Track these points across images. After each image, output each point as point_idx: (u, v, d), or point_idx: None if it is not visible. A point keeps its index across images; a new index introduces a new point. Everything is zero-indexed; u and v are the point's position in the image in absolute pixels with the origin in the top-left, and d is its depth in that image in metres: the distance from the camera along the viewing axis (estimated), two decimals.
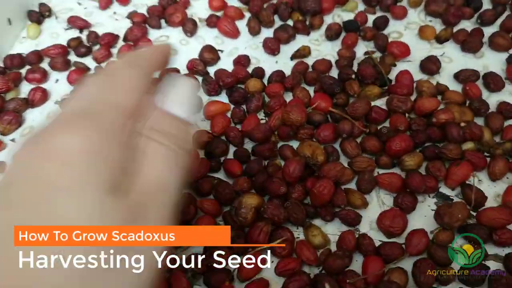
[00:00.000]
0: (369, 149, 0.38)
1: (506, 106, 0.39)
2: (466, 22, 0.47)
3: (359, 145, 0.38)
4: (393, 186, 0.36)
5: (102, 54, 0.46)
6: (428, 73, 0.43)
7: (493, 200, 0.36)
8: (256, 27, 0.47)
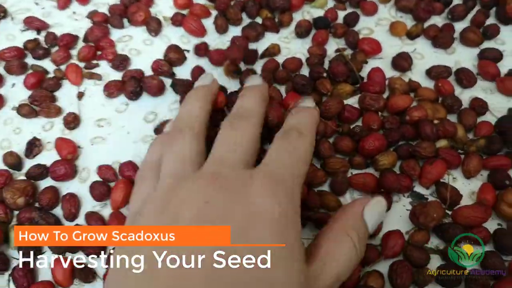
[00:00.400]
0: (342, 149, 0.36)
1: (479, 102, 0.38)
2: (437, 18, 0.46)
3: (332, 145, 0.36)
4: (367, 187, 0.35)
5: (60, 56, 0.44)
6: (400, 70, 0.42)
7: (468, 197, 0.35)
8: (223, 25, 0.46)
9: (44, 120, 0.41)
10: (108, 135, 0.40)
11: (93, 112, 0.41)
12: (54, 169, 0.36)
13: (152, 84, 0.41)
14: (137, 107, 0.41)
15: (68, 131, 0.40)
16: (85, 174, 0.37)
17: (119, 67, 0.43)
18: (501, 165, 0.35)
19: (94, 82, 0.43)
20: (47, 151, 0.39)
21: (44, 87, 0.42)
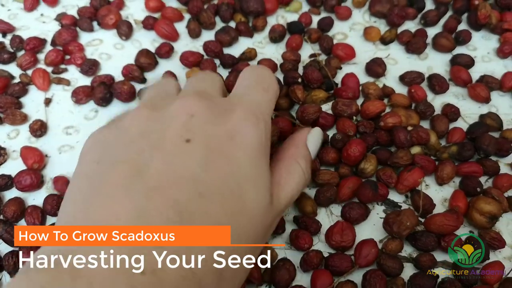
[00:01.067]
0: (328, 162, 0.36)
1: (451, 109, 0.39)
2: (410, 23, 0.46)
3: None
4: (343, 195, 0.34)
5: (27, 60, 0.42)
6: (374, 75, 0.42)
7: (440, 204, 0.35)
8: (196, 29, 0.45)
9: (9, 128, 0.39)
10: (77, 143, 0.38)
11: (61, 119, 0.40)
12: (19, 180, 0.35)
13: (123, 90, 0.40)
14: (107, 113, 0.40)
15: (35, 139, 0.38)
16: (52, 184, 0.36)
17: (88, 72, 0.42)
18: (473, 171, 0.35)
19: (63, 88, 0.42)
20: (13, 160, 0.37)
21: (10, 93, 0.40)
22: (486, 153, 0.36)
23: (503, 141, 0.37)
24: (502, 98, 0.41)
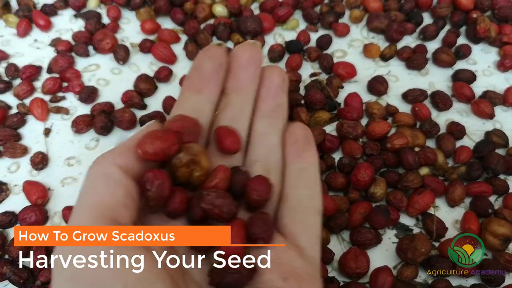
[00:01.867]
0: (337, 187, 0.36)
1: (456, 127, 0.39)
2: (409, 38, 0.46)
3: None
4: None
5: (24, 89, 0.41)
6: (376, 94, 0.42)
7: (452, 226, 0.35)
8: (194, 51, 0.44)
9: (9, 161, 0.38)
10: (79, 174, 0.38)
11: (62, 150, 0.39)
12: (24, 217, 0.34)
13: (124, 118, 0.39)
14: (109, 142, 0.39)
15: (36, 172, 0.38)
16: (57, 219, 0.35)
17: (87, 100, 0.41)
18: (483, 191, 0.35)
19: (61, 117, 0.41)
20: (15, 195, 0.37)
21: (8, 125, 0.39)
22: (495, 172, 0.36)
23: (510, 159, 0.37)
24: (505, 113, 0.41)
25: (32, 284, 0.32)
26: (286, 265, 0.25)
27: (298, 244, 0.26)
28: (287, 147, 0.30)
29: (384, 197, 0.35)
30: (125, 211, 0.23)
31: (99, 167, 0.24)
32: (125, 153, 0.24)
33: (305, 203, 0.28)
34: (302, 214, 0.27)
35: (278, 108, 0.31)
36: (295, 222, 0.27)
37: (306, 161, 0.29)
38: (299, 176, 0.28)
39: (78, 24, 0.47)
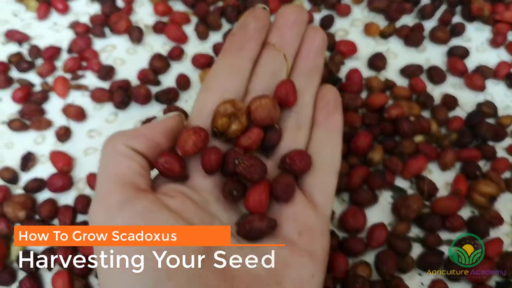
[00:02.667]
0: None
1: (450, 99, 0.41)
2: (407, 17, 0.49)
3: None
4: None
5: (46, 68, 0.44)
6: (376, 69, 0.44)
7: (443, 188, 0.38)
8: (204, 31, 0.47)
9: (35, 134, 0.41)
10: (100, 145, 0.40)
11: (83, 123, 0.42)
12: (52, 182, 0.38)
13: (140, 94, 0.42)
14: (127, 116, 0.43)
15: (61, 144, 0.41)
16: (81, 184, 0.39)
17: (105, 77, 0.44)
18: (472, 156, 0.38)
19: (82, 93, 0.44)
20: (42, 164, 0.40)
21: (33, 101, 0.43)
22: (484, 139, 0.39)
23: (499, 127, 0.40)
24: (496, 86, 0.44)
25: None
26: (303, 221, 0.28)
27: (315, 202, 0.29)
28: (318, 108, 0.32)
29: (381, 162, 0.38)
30: (142, 179, 0.26)
31: (111, 146, 0.27)
32: (137, 137, 0.28)
33: (327, 164, 0.30)
34: (323, 174, 0.30)
35: (315, 68, 0.33)
36: (315, 181, 0.30)
37: (333, 123, 0.32)
38: (325, 137, 0.31)
39: (94, 8, 0.50)
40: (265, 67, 0.32)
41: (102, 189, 0.26)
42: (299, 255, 0.27)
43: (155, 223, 0.24)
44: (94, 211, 0.25)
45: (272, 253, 0.26)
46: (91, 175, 0.38)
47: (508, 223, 0.36)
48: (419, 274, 0.34)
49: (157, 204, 0.25)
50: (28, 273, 0.34)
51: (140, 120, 0.42)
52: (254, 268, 0.25)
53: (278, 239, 0.27)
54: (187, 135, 0.27)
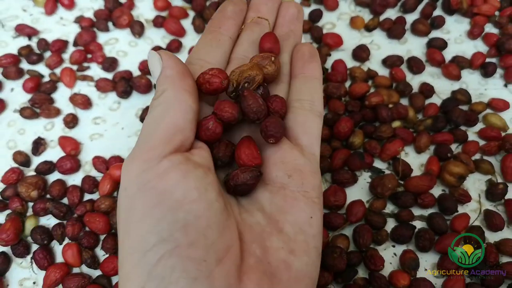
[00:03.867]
0: (322, 138, 0.40)
1: (427, 87, 0.45)
2: (391, 11, 0.52)
3: None
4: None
5: (54, 60, 0.48)
6: (360, 60, 0.48)
7: (417, 169, 0.41)
8: (201, 25, 0.51)
9: (45, 121, 0.45)
10: (105, 131, 0.45)
11: (88, 111, 0.46)
12: (61, 164, 0.41)
13: (141, 84, 0.46)
14: (129, 104, 0.46)
15: (68, 130, 0.44)
16: (88, 167, 0.42)
17: (109, 69, 0.48)
18: (445, 140, 0.42)
19: (87, 84, 0.47)
20: (51, 149, 0.43)
21: (42, 91, 0.46)
22: (456, 124, 0.42)
23: (471, 113, 0.43)
24: (471, 75, 0.47)
25: (70, 216, 0.39)
26: (290, 163, 0.28)
27: (299, 144, 0.30)
28: (294, 60, 0.34)
29: (361, 145, 0.41)
30: (191, 133, 0.27)
31: (173, 92, 0.27)
32: (185, 79, 0.28)
33: (307, 107, 0.31)
34: (303, 117, 0.30)
35: (291, 32, 0.35)
36: (297, 125, 0.30)
37: (310, 72, 0.33)
38: (303, 84, 0.32)
39: (98, 3, 0.53)
40: (245, 38, 0.34)
41: (149, 137, 0.26)
42: (293, 198, 0.27)
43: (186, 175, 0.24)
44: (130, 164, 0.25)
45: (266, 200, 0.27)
46: (96, 158, 0.42)
47: (475, 200, 0.40)
48: (393, 246, 0.38)
49: (191, 157, 0.26)
50: (41, 245, 0.38)
51: (141, 108, 0.45)
52: (253, 220, 0.26)
53: (268, 185, 0.28)
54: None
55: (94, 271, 0.37)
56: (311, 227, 0.27)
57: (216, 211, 0.24)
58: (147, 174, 0.24)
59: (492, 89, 0.46)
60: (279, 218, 0.27)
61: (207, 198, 0.24)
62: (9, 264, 0.38)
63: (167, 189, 0.24)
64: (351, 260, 0.36)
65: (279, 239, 0.26)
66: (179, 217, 0.23)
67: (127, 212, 0.24)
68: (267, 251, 0.25)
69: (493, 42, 0.48)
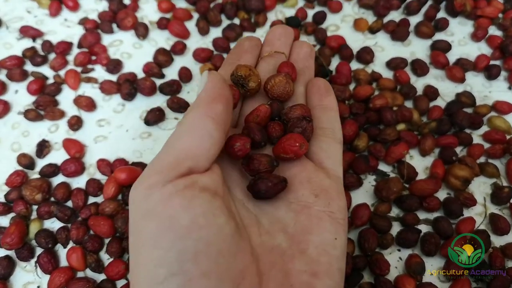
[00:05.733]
0: None
1: (431, 89, 0.45)
2: (395, 13, 0.52)
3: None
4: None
5: (58, 62, 0.48)
6: (364, 62, 0.48)
7: (422, 172, 0.41)
8: (205, 27, 0.51)
9: (49, 123, 0.45)
10: (109, 133, 0.44)
11: (93, 113, 0.46)
12: (65, 167, 0.41)
13: (145, 86, 0.46)
14: (133, 107, 0.46)
15: (73, 132, 0.44)
16: (92, 169, 0.42)
17: (113, 71, 0.48)
18: (450, 143, 0.42)
19: (91, 86, 0.47)
20: (56, 151, 0.43)
21: (47, 93, 0.46)
22: (461, 126, 0.42)
23: (475, 116, 0.43)
24: (475, 77, 0.47)
25: (74, 220, 0.39)
26: (317, 183, 0.29)
27: (324, 167, 0.31)
28: (311, 93, 0.35)
29: (366, 148, 0.41)
30: (205, 162, 0.26)
31: (193, 117, 0.26)
32: (213, 105, 0.27)
33: (328, 135, 0.33)
34: (326, 144, 0.32)
35: (306, 68, 0.37)
36: (321, 150, 0.32)
37: (327, 103, 0.34)
38: (322, 114, 0.34)
39: (103, 5, 0.53)
40: (262, 67, 0.37)
41: (159, 158, 0.26)
42: (318, 218, 0.27)
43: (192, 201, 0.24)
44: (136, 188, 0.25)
45: (290, 220, 0.27)
46: (100, 160, 0.42)
47: (481, 204, 0.40)
48: (398, 250, 0.38)
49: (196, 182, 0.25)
50: (45, 249, 0.38)
51: (146, 111, 0.45)
52: (275, 243, 0.26)
53: (293, 204, 0.28)
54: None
55: (99, 275, 0.37)
56: (335, 249, 0.27)
57: (226, 236, 0.24)
58: (151, 200, 0.24)
59: (496, 92, 0.46)
60: (302, 238, 0.26)
61: (216, 223, 0.24)
62: (13, 268, 0.38)
63: (173, 215, 0.23)
64: (357, 265, 0.36)
65: (302, 261, 0.26)
66: (188, 245, 0.22)
67: (135, 239, 0.24)
68: (289, 274, 0.25)
69: (497, 44, 0.48)
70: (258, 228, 0.27)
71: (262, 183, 0.28)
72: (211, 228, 0.23)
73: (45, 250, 0.38)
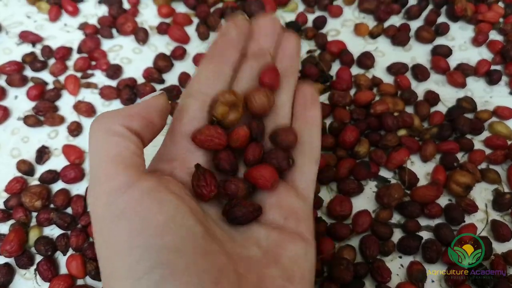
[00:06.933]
0: (326, 146, 0.41)
1: (432, 95, 0.44)
2: (395, 17, 0.52)
3: None
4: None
5: (58, 68, 0.48)
6: (364, 67, 0.47)
7: (423, 178, 0.41)
8: (205, 32, 0.50)
9: (49, 129, 0.45)
10: None
11: (92, 119, 0.45)
12: (65, 174, 0.41)
13: (146, 91, 0.46)
14: None
15: (72, 138, 0.44)
16: None
17: (113, 76, 0.47)
18: (451, 149, 0.41)
19: (91, 91, 0.47)
20: (55, 157, 0.43)
21: (46, 98, 0.46)
22: (462, 132, 0.42)
23: (476, 121, 0.43)
24: (476, 82, 0.47)
25: (74, 227, 0.39)
26: (287, 206, 0.30)
27: (296, 188, 0.31)
28: (297, 103, 0.34)
29: (367, 154, 0.41)
30: (139, 160, 0.26)
31: (106, 127, 0.26)
32: (134, 117, 0.27)
33: (306, 152, 0.32)
34: (302, 161, 0.31)
35: (290, 69, 0.35)
36: (295, 167, 0.31)
37: (310, 117, 0.33)
38: (303, 128, 0.33)
39: (102, 10, 0.53)
40: (245, 72, 0.34)
41: (101, 171, 0.25)
42: (289, 235, 0.28)
43: (162, 203, 0.24)
44: (96, 194, 0.25)
45: (263, 236, 0.28)
46: None
47: (482, 210, 0.39)
48: (399, 257, 0.37)
49: (161, 184, 0.25)
50: (45, 256, 0.38)
51: None
52: (250, 253, 0.27)
53: (264, 225, 0.29)
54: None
55: (99, 283, 0.37)
56: (306, 261, 0.28)
57: (197, 236, 0.24)
58: (119, 202, 0.24)
59: (498, 97, 0.46)
60: (276, 251, 0.28)
61: (185, 224, 0.24)
62: (13, 275, 0.37)
63: (146, 216, 0.23)
64: (358, 272, 0.35)
65: (277, 269, 0.27)
66: (168, 240, 0.23)
67: (106, 245, 0.24)
68: (264, 278, 0.26)
69: (498, 49, 0.48)
70: (232, 242, 0.27)
71: (238, 210, 0.28)
72: (183, 229, 0.24)
73: (45, 257, 0.38)
